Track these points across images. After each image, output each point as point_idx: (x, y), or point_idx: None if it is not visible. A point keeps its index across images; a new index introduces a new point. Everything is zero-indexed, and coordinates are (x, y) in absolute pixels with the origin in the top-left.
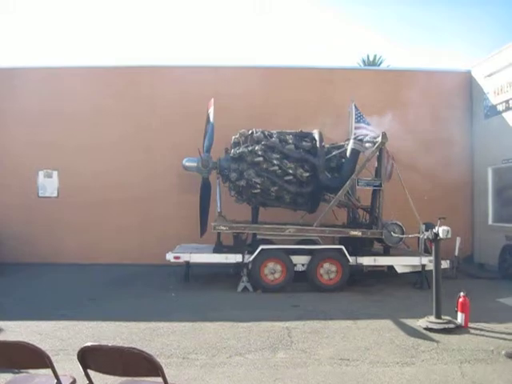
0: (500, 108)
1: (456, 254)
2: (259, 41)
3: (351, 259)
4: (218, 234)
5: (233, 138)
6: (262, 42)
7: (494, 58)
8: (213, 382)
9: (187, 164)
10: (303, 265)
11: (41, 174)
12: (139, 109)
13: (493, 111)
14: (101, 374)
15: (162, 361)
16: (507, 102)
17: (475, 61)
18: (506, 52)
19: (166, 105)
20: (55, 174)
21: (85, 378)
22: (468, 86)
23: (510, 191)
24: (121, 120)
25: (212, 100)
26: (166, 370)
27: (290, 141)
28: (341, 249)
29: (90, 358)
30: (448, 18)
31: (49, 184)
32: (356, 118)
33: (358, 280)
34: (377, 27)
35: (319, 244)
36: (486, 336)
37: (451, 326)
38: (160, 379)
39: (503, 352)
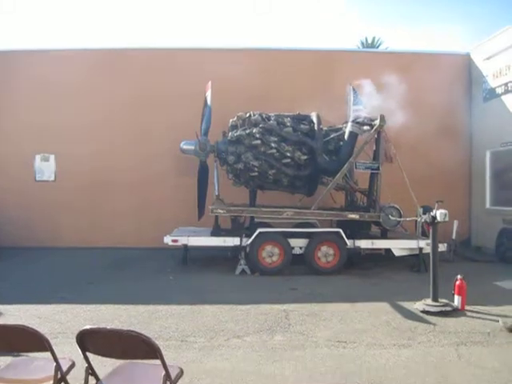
0: (499, 91)
1: (453, 237)
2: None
3: (349, 242)
4: (216, 217)
5: (230, 120)
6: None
7: (492, 40)
8: (211, 364)
9: (185, 147)
10: (301, 248)
11: (37, 157)
12: (136, 91)
13: (492, 94)
14: (99, 357)
15: (160, 343)
16: (506, 84)
17: (474, 43)
18: (504, 34)
19: (164, 87)
20: (52, 157)
21: (84, 361)
22: (467, 69)
23: (508, 174)
24: (118, 103)
25: (209, 83)
26: (164, 353)
27: (288, 123)
28: (338, 232)
29: (89, 340)
30: (448, 0)
31: (46, 168)
32: (354, 101)
33: (356, 263)
34: (376, 9)
35: (317, 227)
36: (483, 319)
37: (448, 308)
38: (158, 361)
39: (502, 323)
